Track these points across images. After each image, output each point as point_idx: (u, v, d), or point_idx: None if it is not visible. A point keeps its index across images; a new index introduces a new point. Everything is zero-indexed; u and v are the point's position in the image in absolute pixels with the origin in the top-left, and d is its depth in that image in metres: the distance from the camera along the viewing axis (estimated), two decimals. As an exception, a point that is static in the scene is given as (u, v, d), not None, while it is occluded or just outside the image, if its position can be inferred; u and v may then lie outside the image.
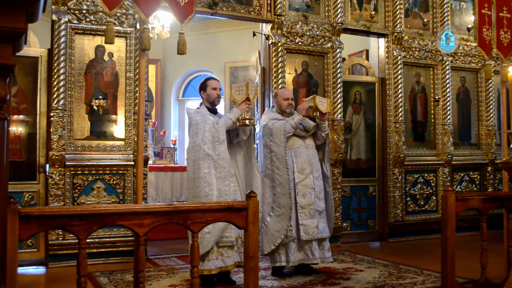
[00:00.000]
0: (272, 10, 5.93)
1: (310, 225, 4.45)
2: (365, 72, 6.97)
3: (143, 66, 3.88)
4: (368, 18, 6.54)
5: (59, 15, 4.97)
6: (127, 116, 5.27)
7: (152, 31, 8.20)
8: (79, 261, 2.23)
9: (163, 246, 5.99)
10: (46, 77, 5.05)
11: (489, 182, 7.21)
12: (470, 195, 3.59)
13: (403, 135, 6.58)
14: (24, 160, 4.99)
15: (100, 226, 2.31)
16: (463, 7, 7.28)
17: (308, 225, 4.45)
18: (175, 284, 4.16)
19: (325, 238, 4.56)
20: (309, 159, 4.58)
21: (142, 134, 3.81)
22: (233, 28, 9.95)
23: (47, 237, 4.91)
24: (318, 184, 4.59)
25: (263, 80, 6.10)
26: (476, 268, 3.74)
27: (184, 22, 3.85)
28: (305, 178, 4.52)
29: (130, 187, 5.20)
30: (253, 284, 2.60)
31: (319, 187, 4.60)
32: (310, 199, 4.49)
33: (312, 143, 4.69)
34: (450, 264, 3.36)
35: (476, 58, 7.24)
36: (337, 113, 6.11)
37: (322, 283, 4.19)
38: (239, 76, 10.50)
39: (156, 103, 11.04)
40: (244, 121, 4.14)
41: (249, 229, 2.60)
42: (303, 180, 4.51)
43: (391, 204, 6.50)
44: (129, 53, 5.30)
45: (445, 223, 3.40)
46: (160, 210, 2.45)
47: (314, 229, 4.46)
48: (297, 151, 4.58)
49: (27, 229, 2.10)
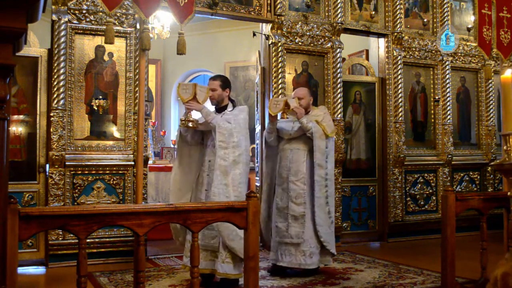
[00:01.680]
0: (272, 10, 5.92)
1: (281, 228, 4.55)
2: (365, 72, 6.97)
3: (143, 66, 3.88)
4: (368, 18, 6.54)
5: (59, 15, 4.97)
6: (127, 116, 5.27)
7: (152, 31, 8.20)
8: (79, 261, 2.23)
9: (163, 246, 5.98)
10: (46, 77, 5.05)
11: (489, 182, 7.21)
12: (470, 195, 3.60)
13: (403, 135, 6.58)
14: (24, 160, 4.99)
15: (100, 226, 2.31)
16: (463, 7, 7.28)
17: (280, 228, 4.57)
18: (175, 284, 4.16)
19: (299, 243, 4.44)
20: (288, 163, 4.60)
21: (142, 134, 3.82)
22: (233, 28, 9.94)
23: (47, 237, 4.91)
24: (295, 189, 4.53)
25: (263, 80, 6.10)
26: (476, 268, 3.74)
27: (184, 22, 3.86)
28: (283, 181, 4.61)
29: (130, 187, 5.20)
30: (253, 284, 2.60)
31: (296, 192, 4.52)
32: (285, 202, 4.56)
33: (298, 146, 4.59)
34: (450, 264, 3.36)
35: (476, 58, 7.24)
36: (337, 113, 6.11)
37: (322, 283, 4.20)
38: (239, 76, 10.49)
39: (156, 103, 11.04)
40: (187, 122, 4.01)
41: (249, 229, 2.60)
42: (282, 183, 4.62)
43: (391, 204, 6.50)
44: (129, 53, 5.30)
45: (445, 223, 3.40)
46: (160, 210, 2.45)
47: (284, 232, 4.51)
48: (282, 154, 4.69)
49: (27, 229, 2.11)
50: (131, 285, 4.07)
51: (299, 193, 4.51)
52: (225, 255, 3.94)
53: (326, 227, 4.49)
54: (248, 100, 9.90)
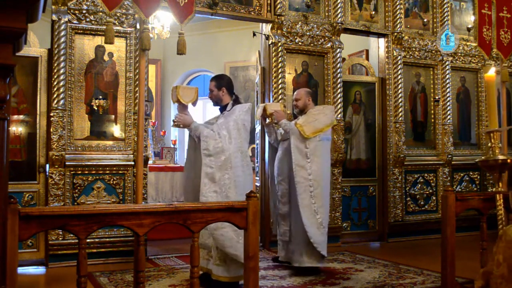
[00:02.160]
0: (272, 10, 5.92)
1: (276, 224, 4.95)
2: (365, 72, 6.97)
3: (143, 66, 3.88)
4: (368, 18, 6.54)
5: (59, 15, 4.97)
6: (127, 116, 5.27)
7: (152, 31, 8.20)
8: (79, 261, 2.23)
9: (163, 246, 5.99)
10: (46, 77, 5.05)
11: (489, 182, 7.20)
12: (470, 195, 3.59)
13: (403, 135, 6.58)
14: (24, 160, 4.99)
15: (100, 226, 2.30)
16: (463, 7, 7.28)
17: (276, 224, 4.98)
18: (175, 284, 4.16)
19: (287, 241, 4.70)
20: (278, 162, 4.84)
21: (142, 134, 3.82)
22: (233, 28, 9.95)
23: (47, 237, 4.91)
24: (280, 188, 4.75)
25: (263, 80, 6.10)
26: (476, 268, 3.73)
27: (184, 22, 3.86)
28: (276, 181, 4.84)
29: (130, 187, 5.19)
30: (253, 284, 2.60)
31: (281, 191, 4.74)
32: (274, 201, 4.90)
33: (288, 147, 4.60)
34: (450, 264, 3.36)
35: (476, 58, 7.24)
36: (337, 113, 6.11)
37: (322, 283, 4.20)
38: (239, 76, 10.49)
39: (156, 103, 11.04)
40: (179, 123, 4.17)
41: (249, 229, 2.60)
42: (276, 183, 4.85)
43: (391, 204, 6.50)
44: (129, 53, 5.29)
45: (445, 223, 3.40)
46: (160, 210, 2.45)
47: (277, 229, 4.87)
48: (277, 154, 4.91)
49: (27, 229, 2.10)
50: (131, 285, 4.07)
51: (284, 192, 4.70)
52: (216, 257, 3.94)
53: (315, 228, 4.42)
54: (248, 100, 9.90)
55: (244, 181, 4.00)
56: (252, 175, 4.23)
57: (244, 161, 4.05)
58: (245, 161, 4.06)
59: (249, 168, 4.14)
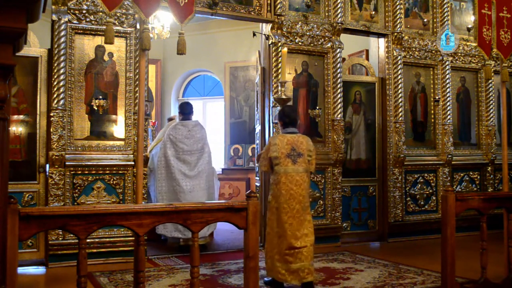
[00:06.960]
0: (272, 10, 5.92)
1: None
2: (365, 72, 6.97)
3: (143, 66, 3.88)
4: (368, 18, 6.54)
5: (59, 15, 4.97)
6: (127, 116, 5.27)
7: (152, 31, 8.18)
8: (79, 261, 2.23)
9: (163, 246, 5.98)
10: (46, 77, 5.05)
11: (489, 182, 7.20)
12: (470, 195, 3.59)
13: (403, 135, 6.58)
14: (24, 160, 4.99)
15: (100, 226, 2.31)
16: (463, 7, 7.28)
17: None
18: (175, 284, 4.16)
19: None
20: None
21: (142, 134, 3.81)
22: (233, 28, 9.93)
23: (47, 237, 4.91)
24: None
25: (263, 80, 6.10)
26: (476, 268, 3.73)
27: (184, 22, 3.85)
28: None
29: (130, 187, 5.19)
30: (253, 284, 2.60)
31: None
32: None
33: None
34: (450, 264, 3.36)
35: (476, 58, 7.24)
36: (337, 113, 6.11)
37: (322, 283, 4.19)
38: (239, 76, 10.48)
39: (156, 103, 11.03)
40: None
41: (249, 229, 2.60)
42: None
43: (391, 204, 6.50)
44: (129, 53, 5.29)
45: (445, 223, 3.40)
46: (160, 210, 2.45)
47: None
48: None
49: (27, 229, 2.10)
50: (131, 285, 4.07)
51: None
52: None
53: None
54: (248, 100, 9.90)
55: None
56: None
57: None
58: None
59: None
